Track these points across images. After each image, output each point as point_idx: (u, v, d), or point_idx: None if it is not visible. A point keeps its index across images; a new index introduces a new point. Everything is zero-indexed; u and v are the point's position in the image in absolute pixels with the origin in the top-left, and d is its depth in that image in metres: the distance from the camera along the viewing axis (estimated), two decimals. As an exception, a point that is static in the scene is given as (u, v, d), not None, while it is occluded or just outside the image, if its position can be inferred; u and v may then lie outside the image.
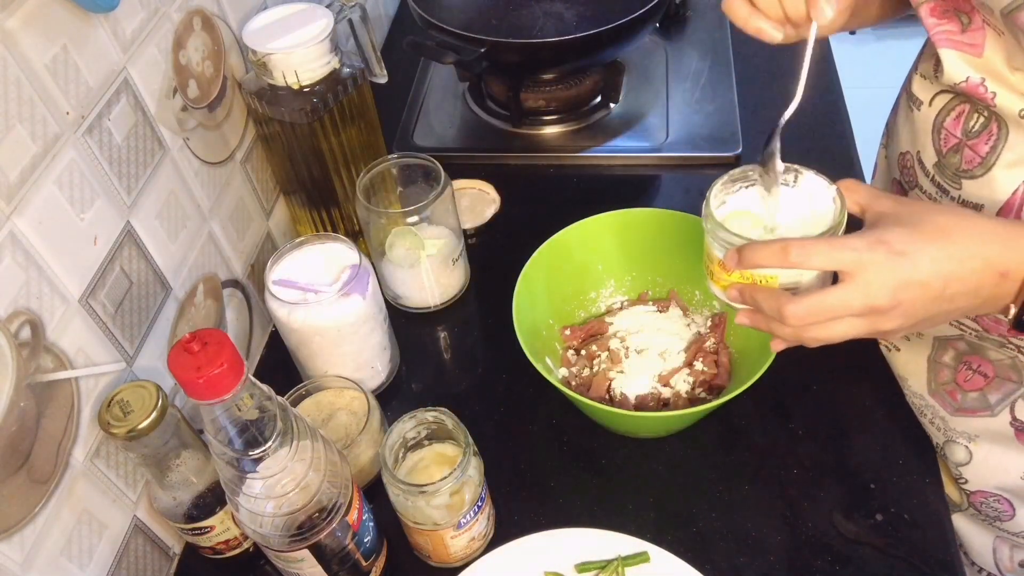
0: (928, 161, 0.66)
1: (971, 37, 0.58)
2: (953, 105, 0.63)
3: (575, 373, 0.80)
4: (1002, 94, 0.58)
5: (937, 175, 0.65)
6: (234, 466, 0.54)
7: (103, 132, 0.63)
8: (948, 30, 0.59)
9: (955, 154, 0.63)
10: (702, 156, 1.02)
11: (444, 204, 0.83)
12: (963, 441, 0.72)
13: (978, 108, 0.60)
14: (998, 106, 0.58)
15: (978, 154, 0.61)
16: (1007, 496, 0.71)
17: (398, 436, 0.67)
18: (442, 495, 0.64)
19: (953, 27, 0.59)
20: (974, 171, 0.61)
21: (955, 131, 0.62)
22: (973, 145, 0.61)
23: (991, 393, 0.68)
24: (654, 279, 0.85)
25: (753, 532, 0.71)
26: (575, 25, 1.11)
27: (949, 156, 0.63)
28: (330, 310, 0.74)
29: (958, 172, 0.63)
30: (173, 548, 0.75)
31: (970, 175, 0.62)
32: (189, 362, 0.48)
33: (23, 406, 0.56)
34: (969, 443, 0.71)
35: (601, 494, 0.75)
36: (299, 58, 0.77)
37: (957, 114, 0.62)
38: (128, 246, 0.67)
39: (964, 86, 0.59)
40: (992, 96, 0.58)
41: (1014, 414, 0.67)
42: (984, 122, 0.60)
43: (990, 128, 0.59)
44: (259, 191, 0.90)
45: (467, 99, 1.14)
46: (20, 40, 0.55)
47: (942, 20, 0.60)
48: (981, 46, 0.57)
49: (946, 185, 0.64)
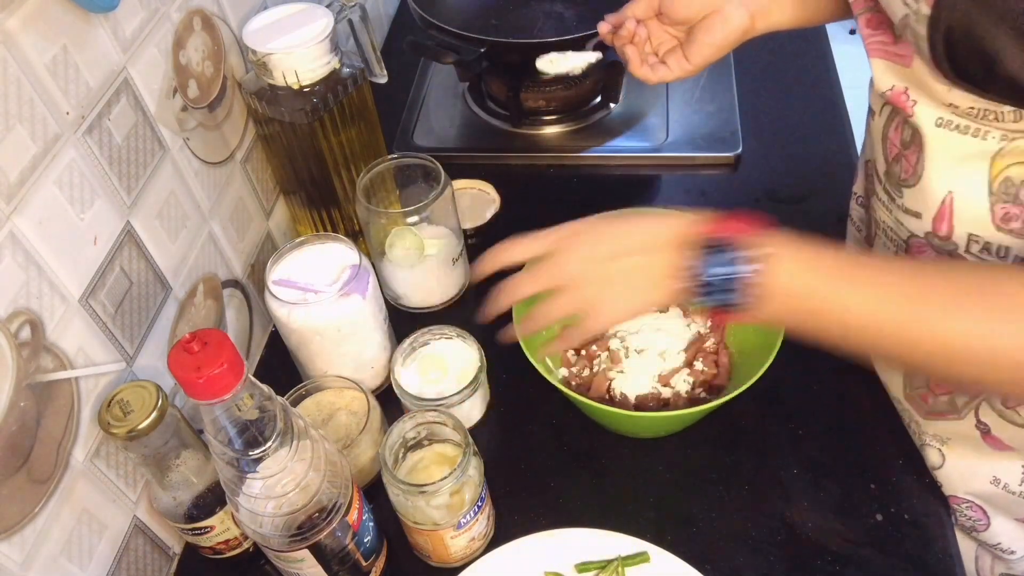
0: (880, 169, 0.67)
1: (901, 48, 0.59)
2: (894, 115, 0.64)
3: (575, 373, 0.80)
4: (922, 103, 0.58)
5: (886, 183, 0.66)
6: (234, 466, 0.54)
7: (103, 132, 0.63)
8: (881, 40, 0.60)
9: (896, 163, 0.64)
10: (702, 156, 1.02)
11: (444, 204, 0.83)
12: (936, 444, 0.72)
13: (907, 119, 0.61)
14: (916, 115, 0.59)
15: (910, 164, 0.62)
16: (979, 503, 0.71)
17: (398, 436, 0.67)
18: (442, 495, 0.64)
19: (886, 38, 0.60)
20: (909, 180, 0.62)
21: (896, 141, 0.64)
22: (907, 155, 0.62)
23: (958, 396, 0.68)
24: (654, 279, 0.85)
25: (753, 532, 0.71)
26: (575, 25, 1.11)
27: (892, 165, 0.65)
28: (330, 310, 0.74)
29: (899, 181, 0.64)
30: (173, 548, 0.75)
31: (907, 184, 0.63)
32: (189, 362, 0.48)
33: (23, 406, 0.56)
34: (942, 447, 0.72)
35: (601, 494, 0.75)
36: (299, 58, 0.78)
37: (895, 125, 0.63)
38: (128, 246, 0.67)
39: (890, 95, 0.60)
40: (912, 105, 0.59)
41: (979, 416, 0.67)
42: (912, 133, 0.61)
43: (916, 139, 0.60)
44: (259, 191, 0.90)
45: (467, 99, 1.14)
46: (20, 40, 0.55)
47: (876, 31, 0.61)
48: (910, 57, 0.58)
49: (892, 193, 0.65)
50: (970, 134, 0.56)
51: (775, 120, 1.07)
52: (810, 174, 1.00)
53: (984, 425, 0.67)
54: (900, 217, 0.65)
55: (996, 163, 0.55)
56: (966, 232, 0.59)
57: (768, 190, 0.99)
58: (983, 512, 0.71)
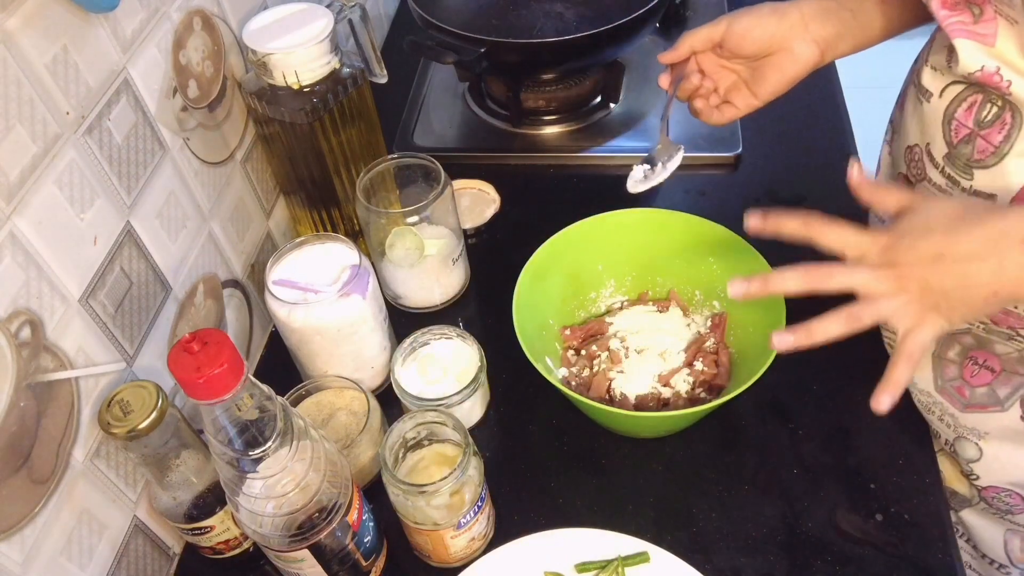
0: (938, 153, 0.66)
1: (983, 27, 0.58)
2: (965, 96, 0.63)
3: (575, 373, 0.80)
4: (1017, 82, 0.58)
5: (947, 166, 0.65)
6: (234, 466, 0.54)
7: (103, 132, 0.63)
8: (960, 20, 0.60)
9: (967, 144, 0.63)
10: (702, 156, 1.02)
11: (444, 204, 0.83)
12: (973, 438, 0.72)
13: (991, 98, 0.61)
14: (1014, 94, 0.58)
15: (991, 143, 0.61)
16: (1019, 491, 0.71)
17: (398, 436, 0.67)
18: (442, 495, 0.64)
19: (965, 18, 0.60)
20: (986, 161, 0.61)
21: (967, 121, 0.63)
22: (986, 135, 0.61)
23: (1000, 388, 0.68)
24: (654, 279, 0.85)
25: (753, 532, 0.71)
26: (575, 25, 1.11)
27: (960, 147, 0.64)
28: (330, 310, 0.74)
29: (969, 163, 0.63)
30: (173, 548, 0.75)
31: (982, 165, 0.62)
32: (189, 362, 0.48)
33: (23, 406, 0.56)
34: (979, 440, 0.71)
35: (601, 494, 0.75)
36: (299, 58, 0.78)
37: (969, 104, 0.62)
38: (128, 246, 0.67)
39: (979, 75, 0.60)
40: (1008, 84, 0.58)
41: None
42: (997, 112, 0.60)
43: (1003, 117, 0.60)
44: (259, 191, 0.90)
45: (467, 99, 1.14)
46: (20, 40, 0.55)
47: (954, 11, 0.60)
48: (993, 36, 0.58)
49: (957, 176, 0.64)
50: None
51: (775, 120, 1.07)
52: (810, 174, 1.00)
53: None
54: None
55: None
56: None
57: (768, 190, 0.99)
58: (1020, 498, 0.71)
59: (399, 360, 0.78)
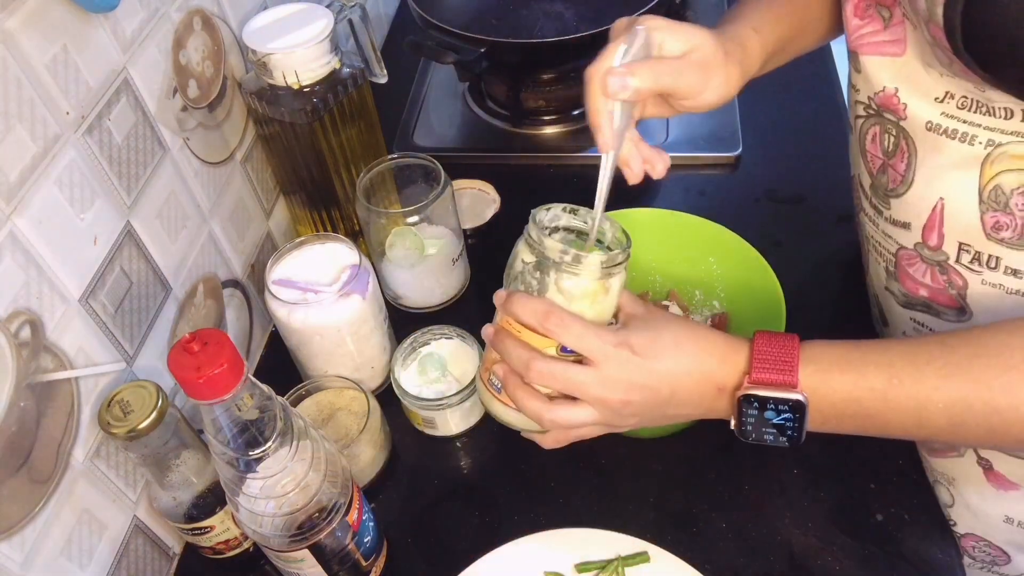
0: (866, 183, 0.67)
1: (892, 33, 0.58)
2: (867, 128, 0.63)
3: (575, 373, 0.80)
4: (913, 104, 0.58)
5: (872, 196, 0.66)
6: (234, 466, 0.54)
7: (103, 132, 0.63)
8: (869, 32, 0.60)
9: (883, 174, 0.63)
10: (702, 156, 1.02)
11: (444, 204, 0.83)
12: (944, 482, 0.72)
13: (887, 127, 0.60)
14: (908, 118, 0.58)
15: (899, 172, 0.61)
16: (998, 544, 0.71)
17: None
18: (593, 267, 0.56)
19: (875, 26, 0.59)
20: (898, 189, 0.62)
21: (876, 152, 0.63)
22: (894, 164, 0.61)
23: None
24: (654, 279, 0.85)
25: (753, 532, 0.71)
26: (575, 25, 1.11)
27: (879, 176, 0.64)
28: (330, 310, 0.74)
29: (887, 192, 0.63)
30: (173, 548, 0.75)
31: (895, 194, 0.62)
32: (189, 362, 0.48)
33: (23, 406, 0.56)
34: (949, 486, 0.72)
35: (601, 494, 0.75)
36: (299, 58, 0.78)
37: (872, 136, 0.63)
38: (128, 246, 0.67)
39: (880, 97, 0.60)
40: (903, 108, 0.58)
41: (979, 453, 0.67)
42: (895, 140, 0.60)
43: (901, 146, 0.60)
44: (259, 191, 0.90)
45: (467, 99, 1.14)
46: (20, 40, 0.55)
47: (864, 20, 0.60)
48: (903, 42, 0.57)
49: (880, 206, 0.65)
50: (958, 139, 0.55)
51: (775, 120, 1.07)
52: (810, 174, 1.00)
53: (985, 461, 0.67)
54: (888, 230, 0.64)
55: (986, 170, 0.55)
56: (956, 241, 0.58)
57: (768, 190, 0.99)
58: (1001, 550, 0.71)
59: (399, 360, 0.78)
